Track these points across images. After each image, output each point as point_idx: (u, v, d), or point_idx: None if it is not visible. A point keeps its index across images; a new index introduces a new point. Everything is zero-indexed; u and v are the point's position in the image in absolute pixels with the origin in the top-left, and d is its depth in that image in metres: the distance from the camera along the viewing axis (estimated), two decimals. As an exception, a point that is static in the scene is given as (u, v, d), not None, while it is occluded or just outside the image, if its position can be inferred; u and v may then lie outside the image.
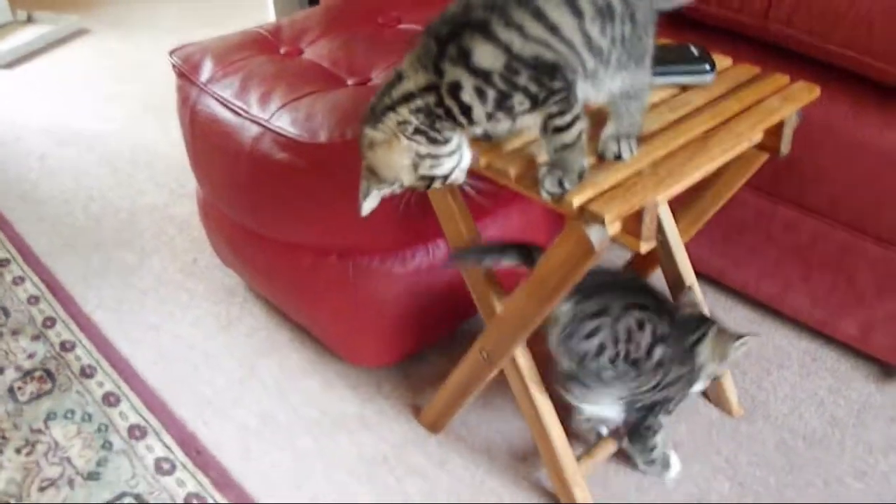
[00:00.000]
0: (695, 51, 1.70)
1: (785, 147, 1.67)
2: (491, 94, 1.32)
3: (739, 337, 1.79)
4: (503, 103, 1.33)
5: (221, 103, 2.02)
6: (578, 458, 1.82)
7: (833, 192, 2.01)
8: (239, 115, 1.97)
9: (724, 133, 1.54)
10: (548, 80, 1.32)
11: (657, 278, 1.99)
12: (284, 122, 1.89)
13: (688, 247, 1.96)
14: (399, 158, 1.38)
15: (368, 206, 1.45)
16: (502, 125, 1.40)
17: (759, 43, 2.03)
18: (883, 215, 1.96)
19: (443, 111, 1.34)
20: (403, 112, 1.36)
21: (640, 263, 2.09)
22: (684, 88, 1.67)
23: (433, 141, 1.37)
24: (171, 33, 2.97)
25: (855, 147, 1.94)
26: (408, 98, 1.35)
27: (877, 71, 1.86)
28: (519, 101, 1.33)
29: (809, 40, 1.92)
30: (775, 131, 1.65)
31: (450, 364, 1.89)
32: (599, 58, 1.36)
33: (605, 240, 1.37)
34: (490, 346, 1.74)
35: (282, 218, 1.98)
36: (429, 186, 1.42)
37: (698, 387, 1.84)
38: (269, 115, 1.92)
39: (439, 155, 1.38)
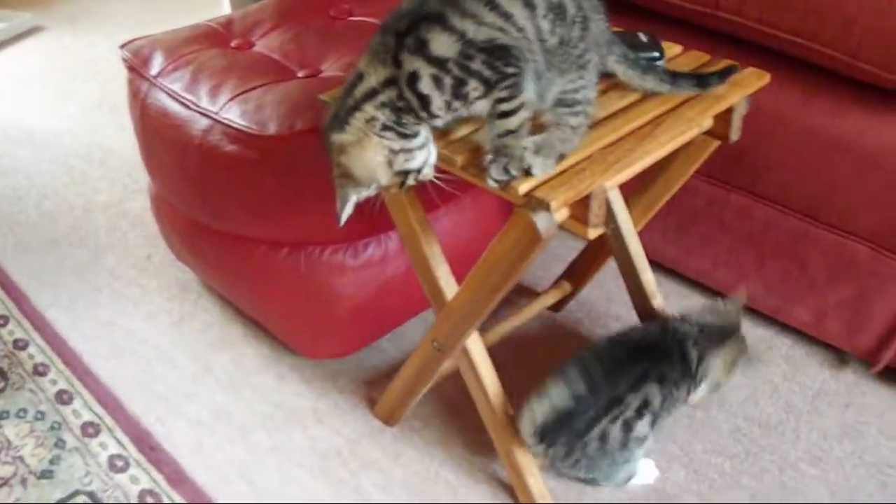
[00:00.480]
0: (644, 38, 1.70)
1: (734, 133, 1.67)
2: (447, 81, 1.33)
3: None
4: (459, 90, 1.34)
5: (171, 96, 2.00)
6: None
7: (784, 179, 2.02)
8: (188, 107, 1.95)
9: (673, 119, 1.54)
10: (501, 65, 1.33)
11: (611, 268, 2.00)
12: (234, 115, 1.88)
13: (642, 236, 1.96)
14: (373, 156, 1.37)
15: (347, 213, 1.44)
16: (459, 114, 1.39)
17: (709, 31, 2.03)
18: (834, 202, 1.97)
19: (404, 104, 1.35)
20: (369, 109, 1.36)
21: (593, 253, 2.09)
22: (634, 76, 1.67)
23: (403, 136, 1.37)
24: (127, 30, 2.95)
25: (805, 134, 1.95)
26: (371, 95, 1.36)
27: (827, 58, 1.87)
28: (473, 87, 1.34)
29: (759, 28, 1.92)
30: (725, 118, 1.65)
31: (405, 355, 1.89)
32: (548, 55, 1.37)
33: (551, 226, 1.36)
34: (441, 337, 1.73)
35: (232, 211, 1.97)
36: (403, 184, 1.42)
37: (699, 393, 1.84)
38: (219, 108, 1.91)
39: (411, 148, 1.38)
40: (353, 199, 1.42)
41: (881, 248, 1.95)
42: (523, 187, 1.36)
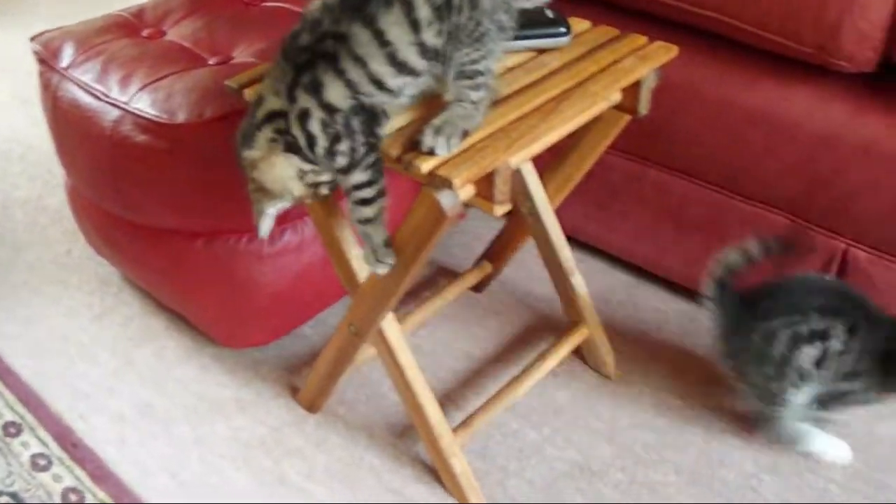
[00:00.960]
0: (550, 14, 1.69)
1: (643, 107, 1.67)
2: (331, 131, 1.35)
3: None
4: (333, 146, 1.36)
5: (82, 88, 1.97)
6: (455, 429, 1.80)
7: (700, 152, 2.03)
8: (99, 99, 1.92)
9: (579, 94, 1.54)
10: (378, 130, 1.39)
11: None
12: (144, 104, 1.86)
13: (561, 213, 1.96)
14: (281, 171, 1.39)
15: (266, 226, 1.45)
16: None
17: (619, 7, 2.03)
18: (750, 174, 1.98)
19: (291, 138, 1.36)
20: (268, 132, 1.38)
21: (512, 232, 2.09)
22: (541, 52, 1.66)
23: (307, 160, 1.38)
24: (48, 23, 2.89)
25: (719, 107, 1.96)
26: (271, 118, 1.37)
27: (736, 31, 1.88)
28: (342, 151, 1.36)
29: (668, 2, 1.93)
30: (634, 92, 1.65)
31: (327, 341, 1.87)
32: (438, 56, 1.38)
33: (455, 205, 1.36)
34: (357, 320, 1.72)
35: (145, 202, 1.94)
36: (317, 194, 1.43)
37: None
38: (129, 98, 1.88)
39: (318, 170, 1.39)
40: (271, 212, 1.43)
41: (797, 217, 1.97)
42: (426, 166, 1.35)
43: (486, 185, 1.38)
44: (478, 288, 2.28)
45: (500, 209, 1.38)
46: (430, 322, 2.12)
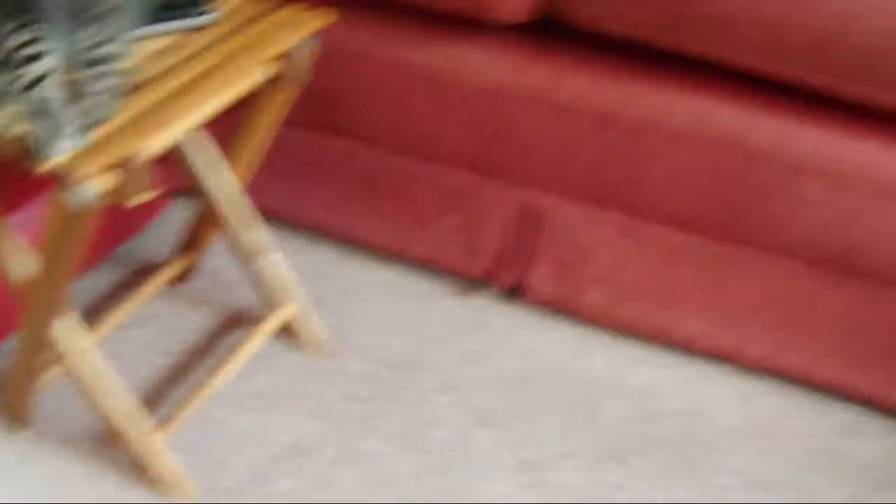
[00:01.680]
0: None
1: (298, 76, 1.64)
2: None
3: None
4: None
5: None
6: (156, 427, 1.76)
7: (376, 117, 2.04)
8: None
9: (224, 71, 1.51)
10: None
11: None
12: None
13: (253, 193, 1.94)
14: None
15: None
16: None
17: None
18: (427, 135, 2.01)
19: None
20: None
21: (201, 218, 2.03)
22: (191, 33, 1.62)
23: None
24: None
25: (387, 70, 1.98)
26: None
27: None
28: None
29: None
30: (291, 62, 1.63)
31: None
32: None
33: (86, 200, 1.30)
34: (28, 331, 1.65)
35: None
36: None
37: None
38: None
39: None
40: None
41: (478, 171, 2.00)
42: (46, 165, 1.29)
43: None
44: (182, 279, 2.22)
45: (135, 200, 1.34)
46: (130, 323, 2.06)
